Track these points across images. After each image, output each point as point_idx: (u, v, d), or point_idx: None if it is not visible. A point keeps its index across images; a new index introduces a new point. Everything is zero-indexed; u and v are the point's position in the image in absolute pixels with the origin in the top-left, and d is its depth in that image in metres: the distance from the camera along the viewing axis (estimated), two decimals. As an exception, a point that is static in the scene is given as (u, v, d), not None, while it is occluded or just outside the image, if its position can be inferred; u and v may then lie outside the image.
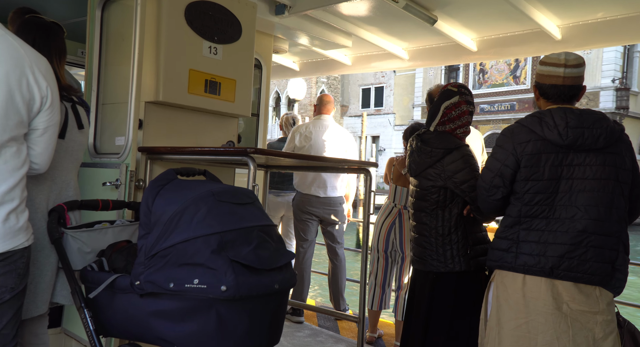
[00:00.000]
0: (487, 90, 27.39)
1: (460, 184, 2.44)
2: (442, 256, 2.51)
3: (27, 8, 2.56)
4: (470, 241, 2.51)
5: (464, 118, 2.57)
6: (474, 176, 2.44)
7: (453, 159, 2.47)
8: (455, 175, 2.45)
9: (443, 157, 2.48)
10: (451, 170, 2.46)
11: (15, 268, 1.71)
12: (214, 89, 2.92)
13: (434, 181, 2.51)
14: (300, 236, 4.50)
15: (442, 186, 2.49)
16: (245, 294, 1.64)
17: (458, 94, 2.56)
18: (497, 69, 27.16)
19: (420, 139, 2.58)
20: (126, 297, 1.77)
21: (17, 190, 1.70)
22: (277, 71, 5.67)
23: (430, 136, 2.56)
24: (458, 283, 2.52)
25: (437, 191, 2.51)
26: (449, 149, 2.48)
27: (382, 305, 3.90)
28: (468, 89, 2.63)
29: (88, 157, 2.85)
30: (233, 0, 2.98)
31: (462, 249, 2.49)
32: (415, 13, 3.59)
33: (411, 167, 2.63)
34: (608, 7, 3.47)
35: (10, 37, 1.70)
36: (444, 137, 2.53)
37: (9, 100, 1.63)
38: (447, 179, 2.47)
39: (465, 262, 2.49)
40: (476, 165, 2.51)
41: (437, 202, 2.52)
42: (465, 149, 2.52)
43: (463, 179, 2.44)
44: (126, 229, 2.26)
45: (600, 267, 1.99)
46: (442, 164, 2.48)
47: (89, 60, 2.92)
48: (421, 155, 2.55)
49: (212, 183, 2.00)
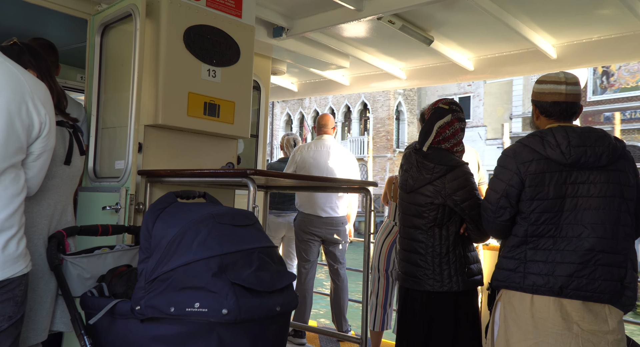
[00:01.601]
0: (614, 96, 22.75)
1: (461, 202, 2.44)
2: (438, 275, 2.48)
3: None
4: (466, 260, 2.50)
5: (458, 136, 2.57)
6: (475, 195, 2.44)
7: (455, 177, 2.47)
8: (455, 193, 2.45)
9: (445, 174, 2.48)
10: (452, 188, 2.45)
11: (13, 296, 1.68)
12: (213, 111, 2.93)
13: (432, 198, 2.50)
14: (302, 257, 4.48)
15: (441, 203, 2.48)
16: (246, 317, 1.63)
17: (450, 113, 2.57)
18: (627, 70, 22.48)
19: (421, 154, 2.57)
20: (126, 322, 1.75)
21: (16, 216, 1.69)
22: (275, 92, 5.71)
23: (431, 153, 2.55)
24: (458, 304, 2.50)
25: (436, 208, 2.50)
26: (452, 166, 2.48)
27: (384, 325, 3.86)
28: (459, 106, 2.62)
29: (88, 181, 2.86)
30: (231, 24, 3.02)
31: (460, 268, 2.48)
32: (411, 34, 3.64)
33: (407, 183, 2.61)
34: (603, 26, 3.52)
35: (10, 64, 1.72)
36: (445, 154, 2.53)
37: (10, 127, 1.64)
38: (447, 197, 2.46)
39: (463, 281, 2.47)
40: (475, 184, 2.51)
41: (435, 219, 2.50)
42: (466, 168, 2.52)
43: (463, 198, 2.44)
44: (126, 254, 2.25)
45: (609, 285, 1.98)
46: (443, 182, 2.48)
47: (89, 85, 2.94)
48: (421, 171, 2.54)
49: (212, 205, 2.00)
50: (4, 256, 1.64)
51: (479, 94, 29.34)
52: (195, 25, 2.85)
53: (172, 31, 2.76)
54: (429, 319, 2.52)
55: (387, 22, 3.44)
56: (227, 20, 3.00)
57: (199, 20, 2.86)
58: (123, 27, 2.89)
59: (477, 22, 3.57)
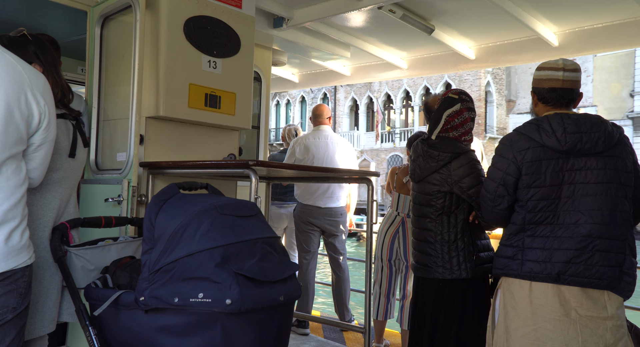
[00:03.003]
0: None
1: (467, 189, 2.44)
2: (447, 262, 2.49)
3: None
4: (475, 247, 2.50)
5: (466, 125, 2.57)
6: (481, 182, 2.43)
7: (460, 164, 2.46)
8: (462, 180, 2.45)
9: (450, 161, 2.48)
10: (458, 175, 2.45)
11: (16, 287, 1.69)
12: (214, 102, 2.93)
13: (439, 186, 2.50)
14: (303, 248, 4.49)
15: (448, 191, 2.48)
16: (250, 307, 1.64)
17: (460, 102, 2.57)
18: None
19: (427, 143, 2.58)
20: (131, 313, 1.76)
21: (19, 207, 1.70)
22: (276, 83, 5.70)
23: (437, 141, 2.56)
24: (465, 291, 2.50)
25: (443, 196, 2.50)
26: (457, 153, 2.48)
27: (387, 315, 3.88)
28: (469, 96, 2.63)
29: (90, 173, 2.86)
30: (232, 15, 3.01)
31: (468, 255, 2.48)
32: (412, 23, 3.62)
33: (415, 172, 2.62)
34: (604, 13, 3.50)
35: (8, 55, 1.71)
36: (450, 142, 2.53)
37: (9, 117, 1.64)
38: (454, 184, 2.46)
39: (471, 269, 2.47)
40: (482, 171, 2.51)
41: (443, 207, 2.50)
42: (472, 154, 2.51)
43: (470, 184, 2.43)
44: (130, 245, 2.25)
45: (607, 271, 1.98)
46: (449, 169, 2.47)
47: (89, 77, 2.94)
48: (427, 159, 2.54)
49: (215, 197, 2.00)
50: (7, 247, 1.64)
51: (587, 69, 25.45)
52: (195, 16, 2.84)
53: (172, 22, 2.75)
54: (437, 305, 2.53)
55: (387, 11, 3.43)
56: (227, 11, 2.99)
57: (199, 11, 2.85)
58: (123, 19, 2.88)
59: (478, 10, 3.55)
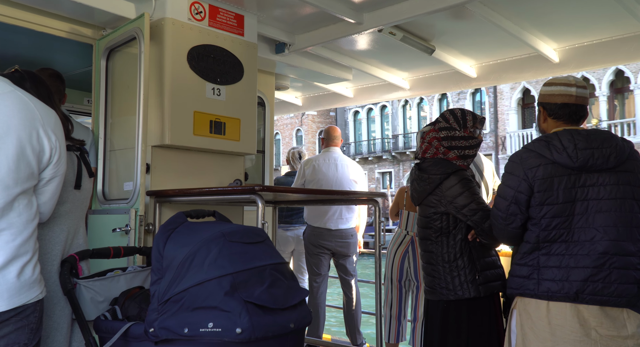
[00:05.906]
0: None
1: (461, 208, 2.43)
2: (450, 283, 2.46)
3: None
4: (477, 266, 2.48)
5: (434, 147, 2.52)
6: (475, 199, 2.42)
7: (451, 184, 2.46)
8: (455, 200, 2.44)
9: (441, 182, 2.47)
10: (451, 195, 2.45)
11: (28, 323, 1.68)
12: (219, 129, 2.95)
13: (435, 208, 2.50)
14: (313, 271, 4.47)
15: (443, 212, 2.48)
16: (260, 336, 1.62)
17: (433, 124, 2.59)
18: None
19: (418, 167, 2.58)
20: (141, 345, 1.75)
21: (30, 242, 1.71)
22: (280, 107, 5.74)
23: (428, 164, 2.56)
24: (470, 310, 2.47)
25: (440, 217, 2.49)
26: (446, 173, 2.47)
27: (399, 337, 3.83)
28: (454, 116, 2.52)
29: (97, 204, 2.87)
30: (234, 42, 3.05)
31: (470, 275, 2.45)
32: (413, 44, 3.65)
33: (413, 197, 2.62)
34: (603, 29, 3.53)
35: (20, 92, 1.75)
36: (440, 163, 2.52)
37: (21, 153, 1.66)
38: (448, 205, 2.45)
39: (474, 288, 2.44)
40: (476, 188, 2.49)
41: (441, 228, 2.49)
42: (463, 173, 2.50)
43: (463, 203, 2.42)
44: (138, 275, 2.25)
45: (625, 288, 1.95)
46: (441, 190, 2.47)
47: (96, 108, 2.97)
48: (420, 183, 2.55)
49: (222, 224, 2.00)
50: (19, 282, 1.64)
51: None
52: (199, 45, 2.88)
53: (176, 52, 2.79)
54: (444, 328, 2.50)
55: (388, 34, 3.46)
56: (229, 39, 3.03)
57: (202, 40, 2.89)
58: (128, 50, 2.93)
59: (478, 30, 3.58)
